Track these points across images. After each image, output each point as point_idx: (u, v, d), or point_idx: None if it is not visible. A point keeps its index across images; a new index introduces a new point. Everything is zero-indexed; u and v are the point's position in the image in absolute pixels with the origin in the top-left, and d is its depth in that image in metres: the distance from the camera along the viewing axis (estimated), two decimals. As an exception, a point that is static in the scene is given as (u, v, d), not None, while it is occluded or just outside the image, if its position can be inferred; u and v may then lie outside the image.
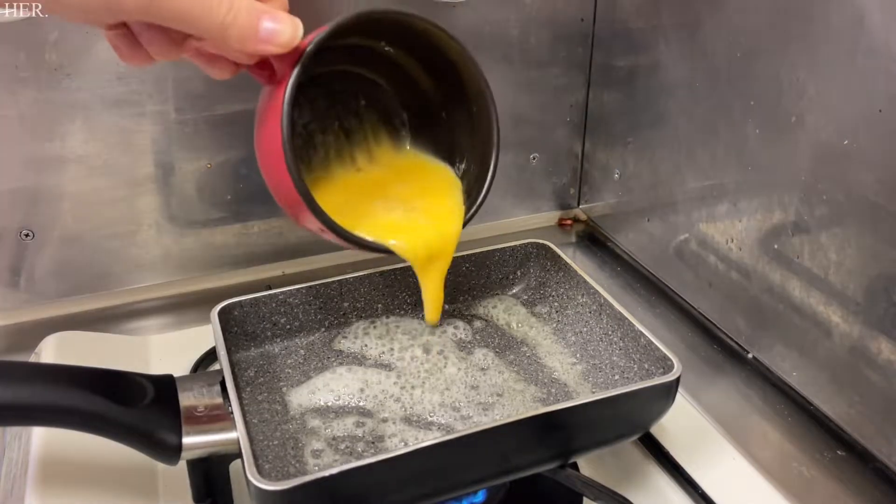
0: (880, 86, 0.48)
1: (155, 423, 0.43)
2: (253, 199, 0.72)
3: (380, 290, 0.59)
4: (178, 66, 0.64)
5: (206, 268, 0.73)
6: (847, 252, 0.53)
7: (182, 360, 0.59)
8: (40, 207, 0.65)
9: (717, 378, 0.63)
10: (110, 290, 0.70)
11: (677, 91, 0.67)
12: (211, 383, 0.46)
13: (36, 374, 0.44)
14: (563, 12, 0.75)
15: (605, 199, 0.82)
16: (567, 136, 0.82)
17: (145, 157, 0.67)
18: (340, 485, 0.40)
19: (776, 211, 0.58)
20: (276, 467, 0.46)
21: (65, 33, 0.60)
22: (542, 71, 0.77)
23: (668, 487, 0.51)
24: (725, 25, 0.60)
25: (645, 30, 0.70)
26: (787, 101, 0.55)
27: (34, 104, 0.61)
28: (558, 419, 0.45)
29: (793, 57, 0.54)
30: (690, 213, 0.68)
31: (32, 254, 0.66)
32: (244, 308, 0.55)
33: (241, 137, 0.69)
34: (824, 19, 0.51)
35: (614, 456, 0.53)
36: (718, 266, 0.65)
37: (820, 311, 0.56)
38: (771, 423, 0.58)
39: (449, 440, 0.42)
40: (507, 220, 0.83)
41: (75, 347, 0.59)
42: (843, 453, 0.55)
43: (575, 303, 0.58)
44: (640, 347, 0.52)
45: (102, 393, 0.42)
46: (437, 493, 0.45)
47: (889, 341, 0.51)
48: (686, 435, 0.54)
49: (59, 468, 0.48)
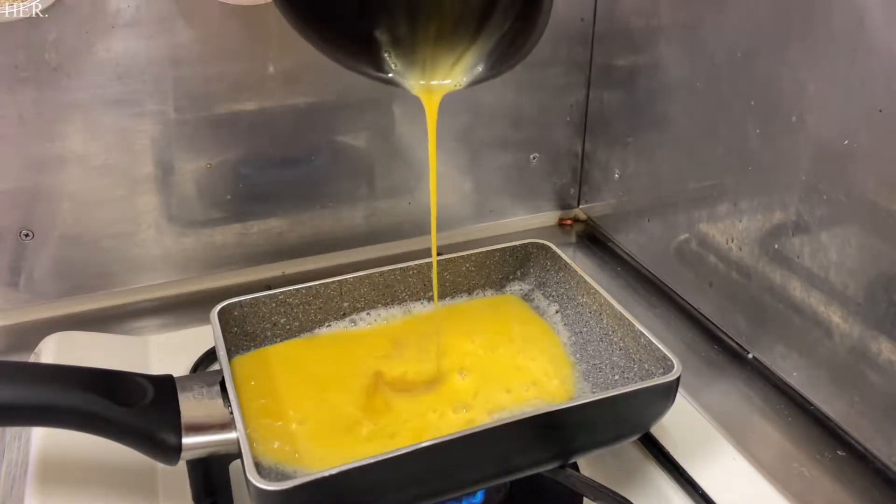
0: (880, 86, 0.48)
1: (154, 423, 0.43)
2: (253, 199, 0.72)
3: (380, 290, 0.59)
4: (177, 66, 0.64)
5: (205, 268, 0.73)
6: (847, 252, 0.53)
7: (182, 361, 0.59)
8: (40, 207, 0.65)
9: (717, 378, 0.63)
10: (110, 290, 0.70)
11: (677, 91, 0.67)
12: (210, 383, 0.46)
13: (36, 374, 0.44)
14: (563, 12, 0.75)
15: (605, 199, 0.82)
16: (567, 135, 0.82)
17: (145, 156, 0.67)
18: (340, 485, 0.40)
19: (776, 211, 0.58)
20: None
21: (64, 33, 0.60)
22: (543, 70, 0.77)
23: (668, 487, 0.51)
24: (725, 25, 0.60)
25: (645, 29, 0.70)
26: (787, 101, 0.55)
27: (34, 104, 0.61)
28: (558, 419, 0.45)
29: (793, 57, 0.54)
30: (690, 213, 0.68)
31: (32, 254, 0.66)
32: (244, 308, 0.55)
33: (241, 137, 0.69)
34: (824, 19, 0.51)
35: (614, 456, 0.53)
36: (718, 266, 0.65)
37: (820, 311, 0.56)
38: (771, 423, 0.58)
39: (449, 440, 0.42)
40: (507, 220, 0.83)
41: (75, 347, 0.59)
42: (843, 453, 0.55)
43: (575, 303, 0.58)
44: (640, 347, 0.52)
45: (102, 393, 0.42)
46: (437, 493, 0.45)
47: (889, 341, 0.51)
48: (686, 435, 0.54)
49: (59, 468, 0.48)
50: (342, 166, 0.74)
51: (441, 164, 0.78)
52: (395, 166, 0.76)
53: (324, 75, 0.70)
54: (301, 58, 0.68)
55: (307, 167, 0.73)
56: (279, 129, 0.70)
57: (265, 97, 0.68)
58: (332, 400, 0.51)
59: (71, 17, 0.60)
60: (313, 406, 0.51)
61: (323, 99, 0.71)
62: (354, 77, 0.70)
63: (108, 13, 0.61)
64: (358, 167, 0.75)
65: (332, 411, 0.50)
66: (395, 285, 0.59)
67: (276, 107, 0.69)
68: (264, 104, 0.69)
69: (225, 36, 0.65)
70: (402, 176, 0.77)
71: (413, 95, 0.50)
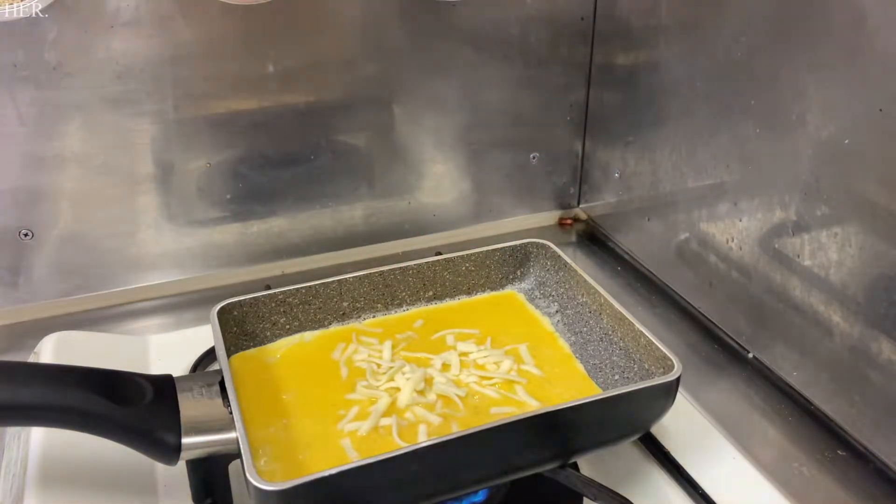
0: (880, 86, 0.48)
1: (154, 423, 0.43)
2: (252, 199, 0.72)
3: (380, 289, 0.59)
4: (177, 65, 0.64)
5: (205, 267, 0.73)
6: (847, 252, 0.53)
7: (181, 360, 0.59)
8: (40, 207, 0.65)
9: (718, 378, 0.63)
10: (109, 289, 0.70)
11: (677, 90, 0.67)
12: (210, 383, 0.46)
13: (35, 374, 0.44)
14: (563, 11, 0.75)
15: (605, 199, 0.82)
16: (567, 135, 0.82)
17: (145, 156, 0.67)
18: (340, 485, 0.40)
19: (776, 210, 0.58)
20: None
21: (64, 33, 0.60)
22: (543, 70, 0.77)
23: (668, 487, 0.51)
24: (725, 25, 0.60)
25: (645, 29, 0.70)
26: (787, 100, 0.55)
27: (33, 103, 0.61)
28: (558, 419, 0.45)
29: (793, 57, 0.54)
30: (691, 213, 0.68)
31: (32, 254, 0.66)
32: (243, 308, 0.55)
33: (241, 137, 0.69)
34: (825, 19, 0.51)
35: (614, 456, 0.53)
36: (719, 266, 0.65)
37: (820, 310, 0.56)
38: (771, 423, 0.58)
39: (449, 440, 0.42)
40: (507, 220, 0.83)
41: (74, 347, 0.59)
42: (843, 453, 0.55)
43: (575, 303, 0.58)
44: (640, 347, 0.52)
45: (101, 393, 0.42)
46: (437, 493, 0.45)
47: (889, 341, 0.51)
48: (686, 435, 0.54)
49: (59, 468, 0.48)
50: (342, 166, 0.74)
51: (441, 164, 0.78)
52: (394, 166, 0.76)
53: (324, 75, 0.70)
54: (301, 58, 0.68)
55: (307, 167, 0.72)
56: (279, 128, 0.70)
57: (265, 97, 0.68)
58: (332, 399, 0.51)
59: (71, 16, 0.60)
60: (313, 406, 0.51)
61: (323, 99, 0.71)
62: (354, 77, 0.71)
63: (108, 12, 0.61)
64: (358, 167, 0.75)
65: (332, 411, 0.50)
66: (394, 285, 0.59)
67: (275, 106, 0.69)
68: (264, 103, 0.69)
69: (225, 35, 0.65)
70: (401, 176, 0.77)
71: (413, 94, 0.49)
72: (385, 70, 0.71)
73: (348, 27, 0.69)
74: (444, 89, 0.74)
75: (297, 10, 0.66)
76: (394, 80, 0.72)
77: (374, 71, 0.71)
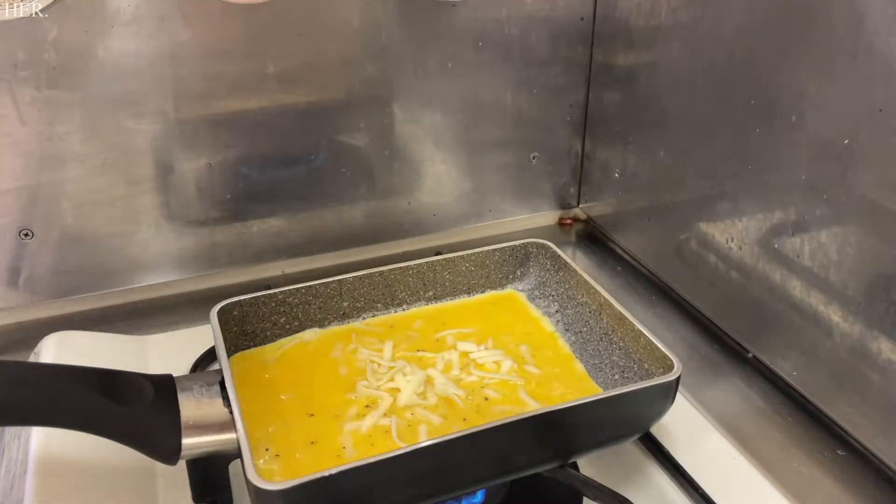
0: (880, 86, 0.48)
1: (154, 423, 0.43)
2: (252, 199, 0.72)
3: (380, 289, 0.59)
4: (177, 65, 0.64)
5: (205, 267, 0.73)
6: (847, 252, 0.53)
7: (181, 360, 0.59)
8: (40, 207, 0.65)
9: (717, 378, 0.63)
10: (109, 289, 0.70)
11: (677, 90, 0.67)
12: (210, 383, 0.46)
13: (35, 374, 0.44)
14: (563, 11, 0.75)
15: (605, 199, 0.82)
16: (567, 135, 0.82)
17: (145, 156, 0.67)
18: (340, 485, 0.40)
19: (776, 210, 0.58)
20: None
21: (64, 33, 0.60)
22: (542, 70, 0.77)
23: (668, 487, 0.51)
24: (725, 25, 0.60)
25: (645, 29, 0.70)
26: (787, 100, 0.55)
27: (33, 103, 0.61)
28: (558, 419, 0.45)
29: (793, 56, 0.54)
30: (690, 213, 0.68)
31: (32, 253, 0.66)
32: (244, 308, 0.55)
33: (241, 137, 0.69)
34: (824, 19, 0.51)
35: (614, 456, 0.53)
36: (718, 266, 0.65)
37: (820, 310, 0.56)
38: (771, 422, 0.58)
39: (449, 440, 0.42)
40: (507, 220, 0.83)
41: (74, 347, 0.59)
42: (843, 453, 0.55)
43: (575, 302, 0.58)
44: (640, 347, 0.52)
45: (102, 393, 0.42)
46: (436, 492, 0.45)
47: (889, 341, 0.51)
48: (686, 435, 0.54)
49: (59, 468, 0.48)
50: (342, 166, 0.74)
51: (441, 164, 0.78)
52: (394, 166, 0.76)
53: (324, 75, 0.70)
54: (301, 58, 0.68)
55: (307, 167, 0.72)
56: (279, 128, 0.70)
57: (265, 97, 0.68)
58: (332, 399, 0.51)
59: (71, 16, 0.60)
60: (313, 405, 0.51)
61: (323, 99, 0.71)
62: (354, 77, 0.71)
63: (108, 12, 0.61)
64: (358, 167, 0.75)
65: (332, 411, 0.50)
66: (394, 285, 0.59)
67: (275, 106, 0.69)
68: (264, 103, 0.69)
69: (225, 35, 0.65)
70: (401, 176, 0.77)
71: (413, 94, 0.49)
72: (385, 70, 0.71)
73: (348, 27, 0.69)
74: (444, 89, 0.74)
75: (297, 10, 0.66)
76: (394, 80, 0.72)
77: (374, 71, 0.71)
